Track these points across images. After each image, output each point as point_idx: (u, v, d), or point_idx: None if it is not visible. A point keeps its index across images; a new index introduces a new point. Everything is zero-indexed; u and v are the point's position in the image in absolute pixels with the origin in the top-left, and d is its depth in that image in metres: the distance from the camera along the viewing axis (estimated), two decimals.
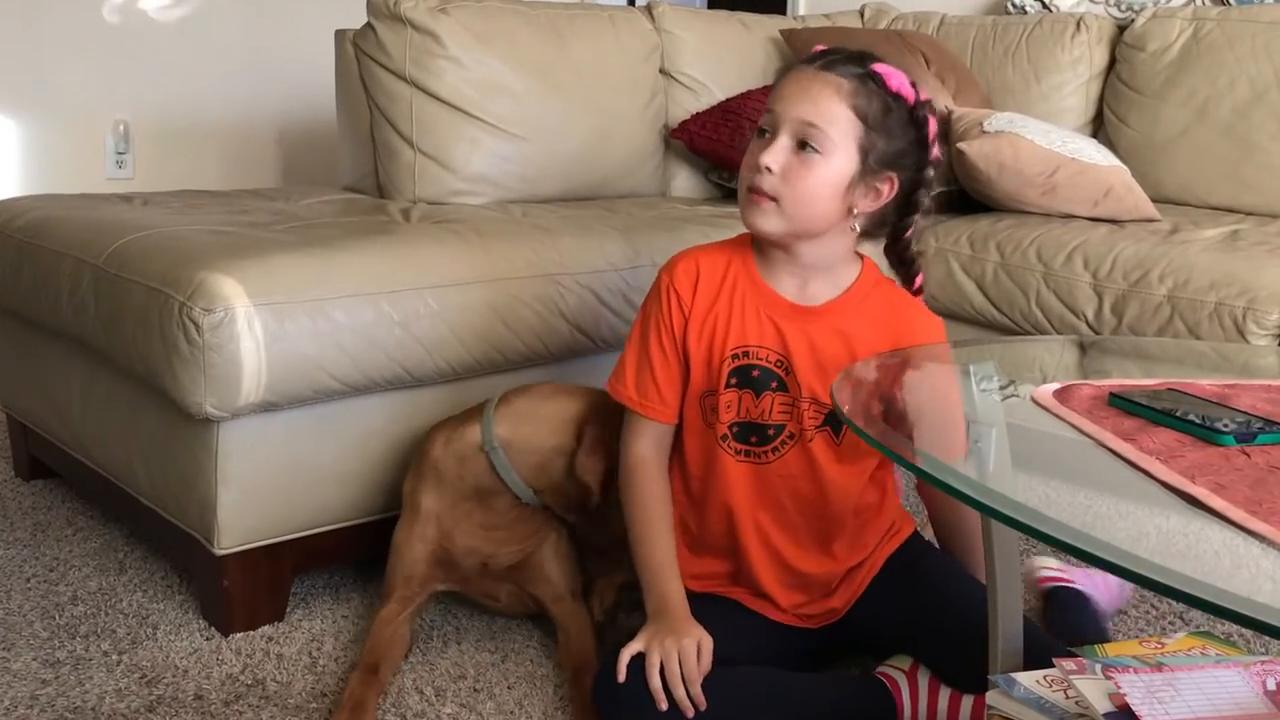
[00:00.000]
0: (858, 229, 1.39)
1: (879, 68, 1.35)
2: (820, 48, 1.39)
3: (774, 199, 1.34)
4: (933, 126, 1.38)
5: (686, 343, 1.44)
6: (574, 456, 1.56)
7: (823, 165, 1.33)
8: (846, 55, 1.36)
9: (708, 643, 1.35)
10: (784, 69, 1.42)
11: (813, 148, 1.32)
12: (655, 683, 1.31)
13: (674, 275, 1.46)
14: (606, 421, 1.56)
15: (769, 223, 1.36)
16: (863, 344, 1.40)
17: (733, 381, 1.43)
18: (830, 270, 1.43)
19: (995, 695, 1.13)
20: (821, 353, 1.40)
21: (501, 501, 1.60)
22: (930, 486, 1.48)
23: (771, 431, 1.43)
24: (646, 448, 1.48)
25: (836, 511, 1.46)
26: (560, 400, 1.61)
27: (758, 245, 1.45)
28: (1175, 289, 2.04)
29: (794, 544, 1.47)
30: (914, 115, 1.36)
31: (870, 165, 1.34)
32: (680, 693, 1.30)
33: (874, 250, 1.50)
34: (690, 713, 1.30)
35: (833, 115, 1.32)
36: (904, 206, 1.40)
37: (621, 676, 1.32)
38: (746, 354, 1.42)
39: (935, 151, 1.39)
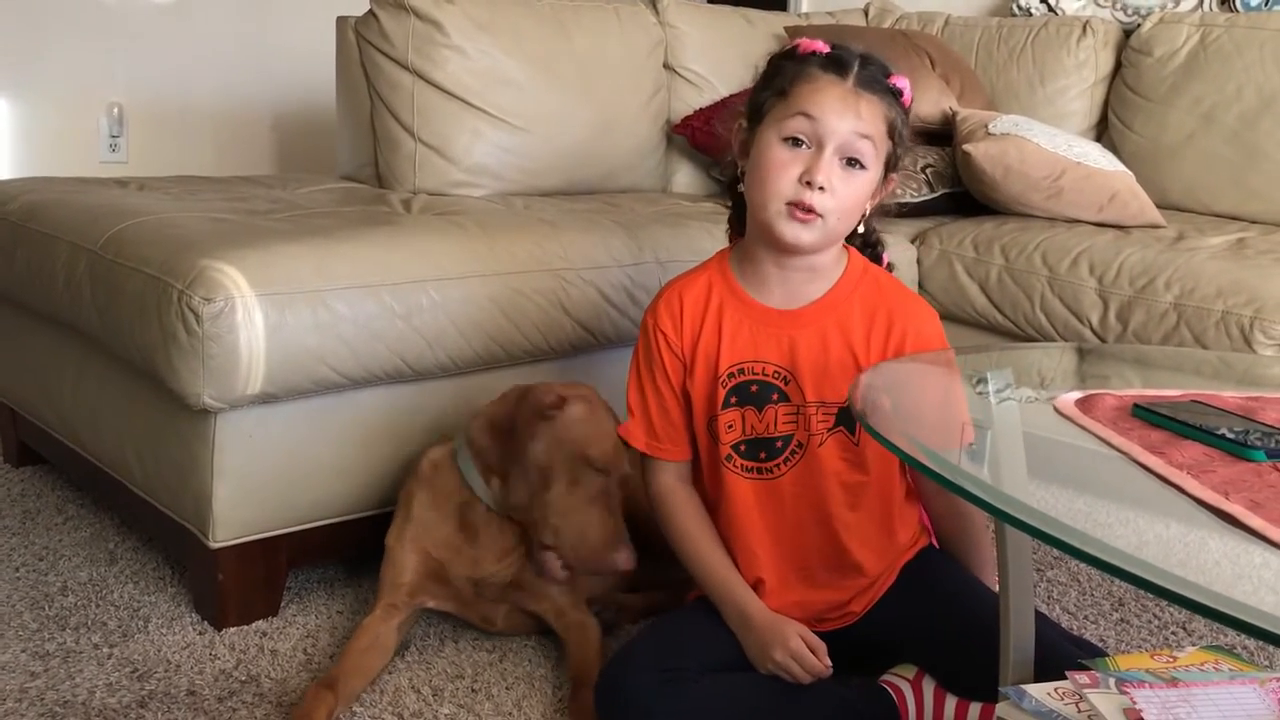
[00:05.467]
0: (862, 230, 1.43)
1: (898, 82, 1.37)
2: (823, 47, 1.36)
3: (821, 215, 1.32)
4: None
5: (684, 378, 1.44)
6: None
7: (863, 178, 1.34)
8: (873, 66, 1.35)
9: (804, 631, 1.38)
10: (799, 68, 1.35)
11: (860, 164, 1.33)
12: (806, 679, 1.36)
13: (657, 316, 1.46)
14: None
15: (810, 236, 1.34)
16: (858, 335, 1.40)
17: (732, 401, 1.42)
18: (820, 270, 1.42)
19: (1005, 707, 1.11)
20: (820, 353, 1.40)
21: (475, 513, 1.58)
22: (928, 484, 1.47)
23: (780, 444, 1.42)
24: (669, 478, 1.49)
25: (855, 521, 1.44)
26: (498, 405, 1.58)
27: (738, 259, 1.45)
28: (1182, 296, 2.02)
29: (811, 560, 1.45)
30: (908, 119, 1.39)
31: (887, 170, 1.38)
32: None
33: None
34: None
35: (878, 133, 1.34)
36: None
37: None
38: (742, 370, 1.42)
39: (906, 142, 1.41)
